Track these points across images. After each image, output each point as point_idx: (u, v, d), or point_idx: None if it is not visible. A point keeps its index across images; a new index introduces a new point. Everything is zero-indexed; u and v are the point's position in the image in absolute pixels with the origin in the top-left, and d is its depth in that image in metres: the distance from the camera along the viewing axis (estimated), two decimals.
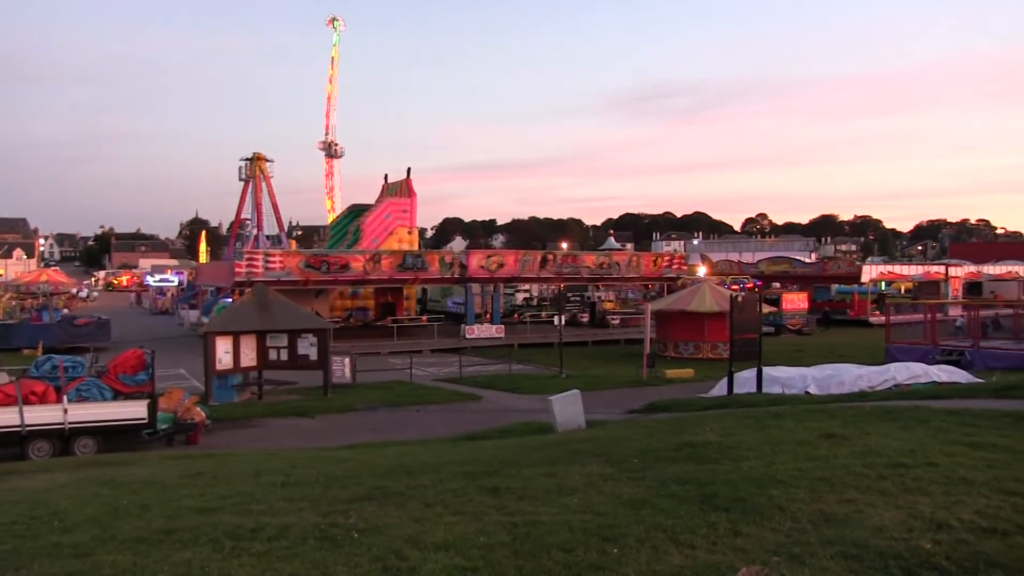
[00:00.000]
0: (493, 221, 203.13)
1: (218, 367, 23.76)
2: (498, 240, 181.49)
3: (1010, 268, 70.47)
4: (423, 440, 16.01)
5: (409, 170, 52.16)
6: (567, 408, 15.57)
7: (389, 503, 7.21)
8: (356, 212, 54.21)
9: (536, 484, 7.84)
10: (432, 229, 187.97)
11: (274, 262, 39.73)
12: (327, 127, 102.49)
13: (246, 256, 40.95)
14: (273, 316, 24.92)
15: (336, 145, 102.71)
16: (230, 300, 40.46)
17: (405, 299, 51.37)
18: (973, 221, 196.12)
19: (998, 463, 7.99)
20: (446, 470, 9.05)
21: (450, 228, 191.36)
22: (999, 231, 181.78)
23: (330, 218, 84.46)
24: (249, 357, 24.60)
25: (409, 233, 51.25)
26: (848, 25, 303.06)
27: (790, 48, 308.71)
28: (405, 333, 43.62)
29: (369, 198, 57.00)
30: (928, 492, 6.83)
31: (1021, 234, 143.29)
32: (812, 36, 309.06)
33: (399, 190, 51.73)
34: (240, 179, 78.03)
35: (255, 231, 77.26)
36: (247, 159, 77.93)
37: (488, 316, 46.98)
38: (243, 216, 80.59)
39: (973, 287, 65.41)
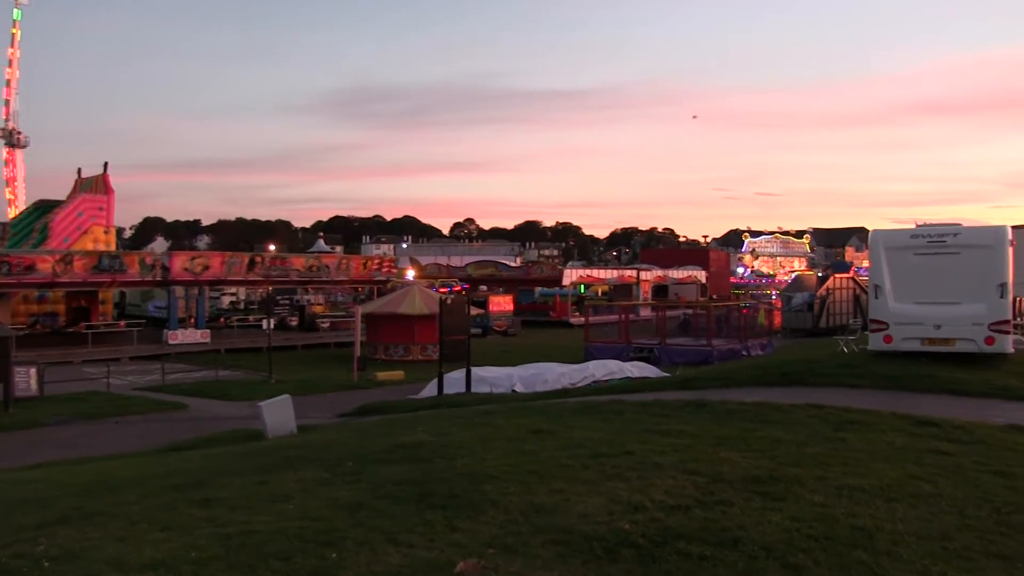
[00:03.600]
0: (198, 222, 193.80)
1: None
2: (203, 241, 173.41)
3: (690, 272, 77.16)
4: (125, 454, 15.05)
5: (106, 165, 49.01)
6: (278, 414, 15.26)
7: (88, 524, 6.66)
8: (44, 208, 50.04)
9: (249, 493, 7.61)
10: (132, 229, 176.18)
11: None
12: (7, 113, 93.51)
13: None
14: None
15: (19, 133, 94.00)
16: None
17: (101, 303, 48.13)
18: (660, 229, 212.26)
19: (682, 447, 8.78)
20: (152, 484, 8.56)
21: (151, 228, 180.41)
22: (681, 239, 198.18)
23: (12, 214, 77.12)
24: None
25: (106, 232, 48.13)
26: (556, 41, 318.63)
27: (499, 58, 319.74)
28: (101, 340, 40.66)
29: (60, 194, 52.94)
30: (626, 478, 7.37)
31: (699, 242, 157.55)
32: (520, 48, 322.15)
33: (95, 186, 48.38)
34: None
35: None
36: None
37: (192, 321, 45.09)
38: None
39: (660, 290, 71.05)
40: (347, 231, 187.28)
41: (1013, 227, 18.91)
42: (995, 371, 16.12)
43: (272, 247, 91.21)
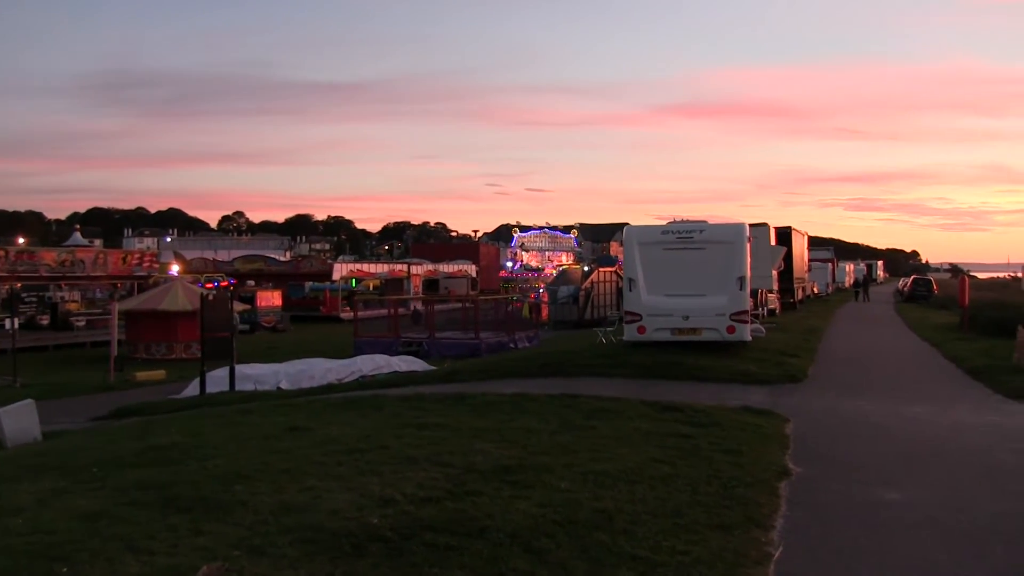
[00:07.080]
0: None
1: None
2: None
3: (461, 267, 78.22)
4: None
5: None
6: (19, 421, 14.21)
7: None
8: None
9: None
10: None
11: None
12: None
13: None
14: None
15: None
16: None
17: None
18: (432, 224, 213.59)
19: (438, 440, 8.98)
20: None
21: None
22: (453, 234, 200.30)
23: None
24: None
25: None
26: (328, 33, 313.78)
27: (270, 48, 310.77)
28: None
29: None
30: (379, 472, 7.44)
31: (470, 236, 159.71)
32: (291, 39, 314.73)
33: None
34: None
35: None
36: None
37: None
38: None
39: (431, 284, 71.55)
40: (107, 224, 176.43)
41: (751, 224, 20.52)
42: (736, 358, 17.46)
43: (21, 240, 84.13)
